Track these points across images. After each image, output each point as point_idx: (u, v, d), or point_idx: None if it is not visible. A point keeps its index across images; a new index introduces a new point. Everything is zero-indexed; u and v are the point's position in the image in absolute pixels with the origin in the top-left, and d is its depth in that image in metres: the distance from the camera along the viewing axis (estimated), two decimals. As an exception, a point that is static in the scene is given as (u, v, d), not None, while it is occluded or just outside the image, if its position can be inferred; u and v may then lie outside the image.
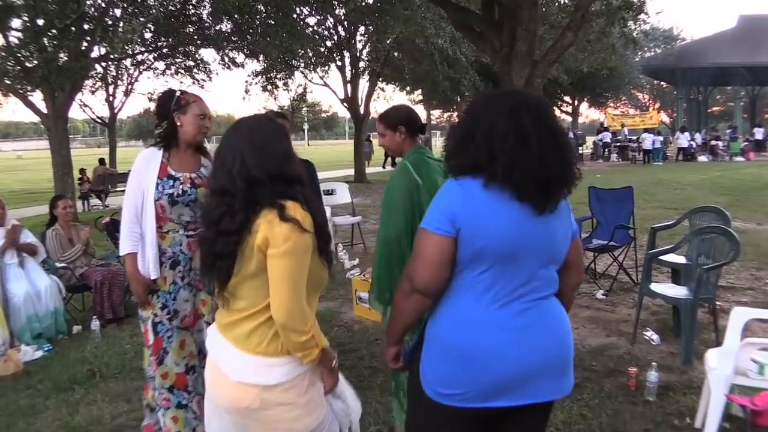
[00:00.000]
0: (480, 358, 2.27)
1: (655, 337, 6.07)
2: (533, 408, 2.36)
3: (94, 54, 16.64)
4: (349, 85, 27.18)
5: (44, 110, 15.33)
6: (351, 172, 27.80)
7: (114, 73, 22.80)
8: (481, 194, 2.23)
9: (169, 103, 3.89)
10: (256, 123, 2.49)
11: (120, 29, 15.19)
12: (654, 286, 6.13)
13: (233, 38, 19.93)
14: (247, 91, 26.30)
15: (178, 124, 3.88)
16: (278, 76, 25.89)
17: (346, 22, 24.75)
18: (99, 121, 27.59)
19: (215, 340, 2.52)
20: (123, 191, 18.59)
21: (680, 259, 6.62)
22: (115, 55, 17.57)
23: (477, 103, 2.44)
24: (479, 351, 2.27)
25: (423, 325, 2.50)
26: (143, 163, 3.86)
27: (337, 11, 22.29)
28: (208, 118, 4.02)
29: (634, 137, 38.09)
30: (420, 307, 2.36)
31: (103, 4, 15.65)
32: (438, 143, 47.95)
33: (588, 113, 78.00)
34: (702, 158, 34.41)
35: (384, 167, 34.12)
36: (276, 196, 2.32)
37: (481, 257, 2.24)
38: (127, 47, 15.57)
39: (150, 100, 23.70)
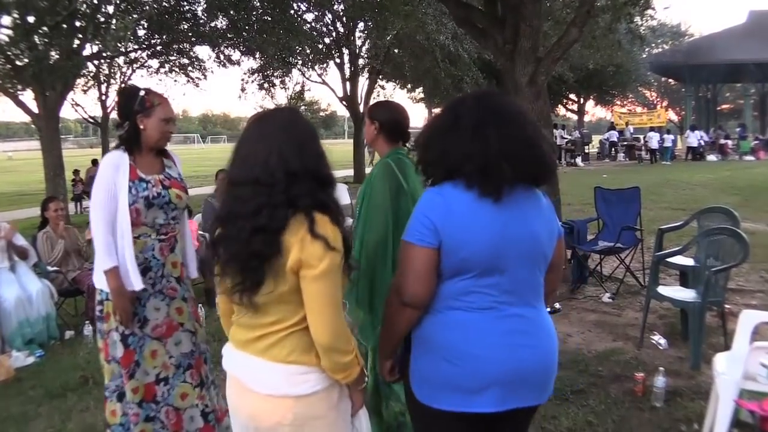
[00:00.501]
0: (470, 361, 2.31)
1: (662, 341, 6.00)
2: (517, 413, 2.39)
3: (86, 52, 16.64)
4: (348, 83, 27.20)
5: (35, 110, 15.25)
6: (350, 172, 27.70)
7: (106, 72, 22.76)
8: (462, 202, 2.28)
9: (132, 103, 3.71)
10: (293, 116, 2.40)
11: (112, 26, 15.13)
12: (661, 289, 6.09)
13: (229, 35, 19.90)
14: (243, 90, 26.31)
15: (141, 127, 3.72)
16: (275, 74, 25.92)
17: (344, 18, 24.78)
18: (91, 120, 27.42)
19: (233, 358, 2.43)
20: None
21: (688, 261, 6.54)
22: (108, 53, 17.51)
23: (440, 112, 2.52)
24: (469, 354, 2.31)
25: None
26: (111, 169, 3.66)
27: (335, 7, 22.29)
28: (173, 122, 3.87)
29: (640, 136, 38.00)
30: (412, 319, 2.38)
31: (95, 1, 15.58)
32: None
33: (594, 111, 78.04)
34: (711, 157, 34.28)
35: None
36: (312, 196, 2.23)
37: (466, 266, 2.28)
38: (119, 45, 15.54)
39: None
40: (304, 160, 2.26)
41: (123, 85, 4.68)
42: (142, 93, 3.74)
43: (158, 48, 20.87)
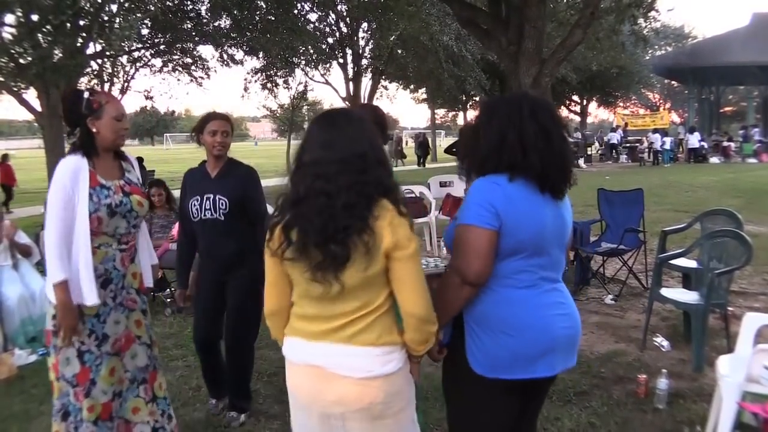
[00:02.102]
0: (527, 332, 2.57)
1: (665, 343, 5.98)
2: (546, 381, 2.76)
3: (90, 51, 16.58)
4: (351, 83, 27.14)
5: (38, 108, 15.24)
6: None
7: (110, 71, 22.76)
8: (517, 190, 2.55)
9: (79, 107, 3.53)
10: (361, 114, 2.61)
11: (116, 25, 15.11)
12: (664, 291, 6.06)
13: (232, 35, 19.91)
14: (246, 89, 26.33)
15: (94, 130, 3.54)
16: (278, 74, 25.99)
17: (348, 19, 24.75)
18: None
19: (308, 349, 2.50)
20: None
21: (691, 264, 6.53)
22: (111, 52, 17.47)
23: (496, 109, 2.72)
24: (527, 326, 2.58)
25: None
26: (69, 175, 3.46)
27: (339, 7, 22.26)
28: (126, 119, 3.71)
29: (638, 138, 37.95)
30: (470, 297, 2.58)
31: (99, 0, 15.57)
32: (443, 143, 47.88)
33: (597, 113, 77.91)
34: (714, 159, 34.24)
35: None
36: (389, 181, 2.42)
37: (521, 247, 2.54)
38: (123, 44, 15.50)
39: (147, 98, 23.63)
40: (378, 150, 2.47)
41: (65, 91, 4.52)
42: (86, 95, 3.57)
43: (161, 47, 20.84)
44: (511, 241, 2.52)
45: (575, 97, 47.29)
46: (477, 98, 36.49)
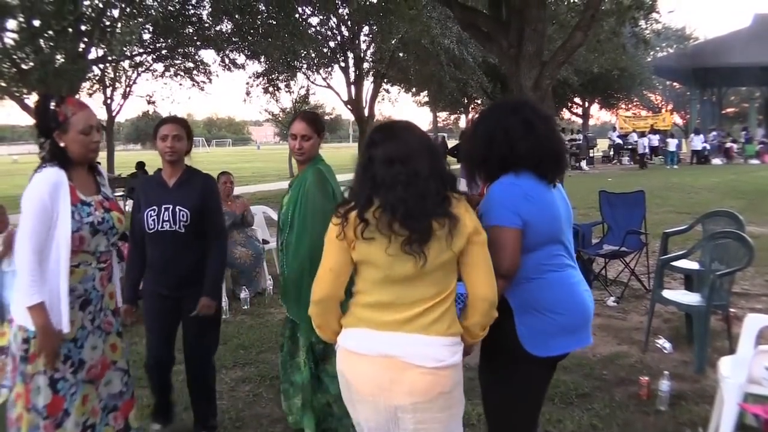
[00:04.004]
0: (572, 309, 2.92)
1: (667, 345, 5.99)
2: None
3: (92, 56, 16.61)
4: (353, 87, 27.10)
5: None
6: None
7: (112, 75, 22.81)
8: (533, 187, 2.86)
9: (46, 118, 3.27)
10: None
11: (117, 30, 15.14)
12: (666, 293, 6.08)
13: (234, 39, 19.95)
14: (248, 93, 26.34)
15: (61, 144, 3.26)
16: (280, 78, 25.94)
17: (349, 22, 24.68)
18: (96, 124, 27.45)
19: (380, 339, 2.55)
20: (122, 196, 18.13)
21: (693, 265, 6.54)
22: (113, 57, 17.50)
23: (483, 115, 3.13)
24: (572, 302, 2.93)
25: None
26: (48, 189, 3.16)
27: (340, 11, 22.25)
28: (97, 130, 3.40)
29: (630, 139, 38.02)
30: (505, 288, 2.79)
31: (101, 5, 15.59)
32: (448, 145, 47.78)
33: (599, 115, 77.82)
34: (716, 161, 34.24)
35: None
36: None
37: (548, 237, 2.88)
38: (125, 49, 15.52)
39: (149, 102, 23.66)
40: (438, 147, 2.72)
41: (35, 102, 4.22)
42: (52, 105, 3.29)
43: (163, 52, 20.88)
44: (540, 233, 2.81)
45: (577, 100, 47.25)
46: (479, 101, 36.52)
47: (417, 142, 2.56)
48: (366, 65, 27.25)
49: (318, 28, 23.89)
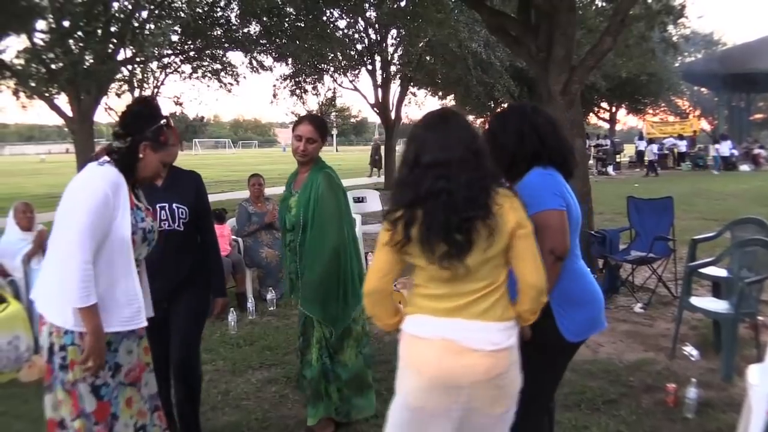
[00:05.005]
0: (596, 297, 3.22)
1: (694, 352, 5.93)
2: None
3: (120, 57, 16.74)
4: (379, 90, 27.08)
5: (69, 113, 15.43)
6: (381, 179, 27.60)
7: (140, 77, 22.99)
8: (561, 178, 3.11)
9: (146, 125, 3.20)
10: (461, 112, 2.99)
11: (147, 32, 15.25)
12: (694, 300, 6.05)
13: (261, 41, 19.91)
14: (275, 96, 26.37)
15: (140, 155, 3.19)
16: (307, 80, 25.91)
17: (377, 25, 24.65)
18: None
19: (439, 325, 2.66)
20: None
21: (721, 272, 6.47)
22: (142, 58, 17.63)
23: (506, 116, 3.33)
24: (593, 291, 3.21)
25: None
26: (111, 188, 3.04)
27: (368, 14, 22.26)
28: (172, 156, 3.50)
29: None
30: (559, 273, 3.02)
31: (129, 6, 15.71)
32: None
33: (626, 120, 77.22)
34: (744, 167, 33.86)
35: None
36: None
37: (575, 224, 3.10)
38: (155, 50, 15.63)
39: (176, 103, 23.79)
40: (483, 142, 2.76)
41: (144, 97, 4.13)
42: (163, 122, 3.26)
43: (191, 53, 20.99)
44: (572, 220, 3.03)
45: (604, 104, 46.97)
46: (505, 105, 36.32)
47: (463, 139, 2.63)
48: (393, 68, 27.22)
49: (345, 30, 23.88)
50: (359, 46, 25.57)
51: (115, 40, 15.39)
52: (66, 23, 14.23)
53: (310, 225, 4.23)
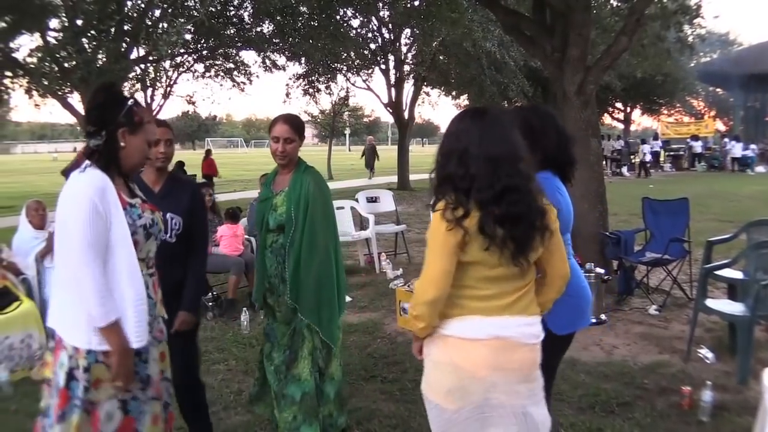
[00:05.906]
0: (584, 291, 3.44)
1: (709, 355, 5.90)
2: None
3: (133, 55, 16.80)
4: (393, 90, 27.09)
5: (82, 112, 15.36)
6: (394, 179, 27.59)
7: (152, 75, 23.08)
8: (558, 182, 3.35)
9: (117, 111, 2.96)
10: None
11: (161, 31, 15.29)
12: (709, 302, 6.01)
13: (274, 40, 20.02)
14: (288, 95, 26.45)
15: (122, 144, 2.96)
16: (320, 80, 26.03)
17: (390, 25, 24.71)
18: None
19: (495, 324, 2.68)
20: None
21: (737, 275, 6.43)
22: (155, 57, 17.69)
23: (544, 115, 3.43)
24: (583, 286, 3.42)
25: None
26: (97, 195, 2.81)
27: (381, 13, 22.26)
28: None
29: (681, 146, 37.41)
30: None
31: (143, 5, 15.75)
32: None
33: (641, 121, 76.93)
34: (759, 169, 33.66)
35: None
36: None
37: (564, 228, 3.13)
38: (169, 49, 15.66)
39: (189, 102, 23.84)
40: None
41: (102, 84, 3.84)
42: (131, 102, 3.02)
43: (204, 52, 21.05)
44: (562, 219, 3.00)
45: (618, 105, 46.80)
46: (519, 105, 36.20)
47: (515, 134, 2.67)
48: (407, 68, 27.25)
49: (359, 30, 23.94)
50: (372, 46, 25.61)
51: (128, 39, 15.44)
52: (79, 22, 14.31)
53: (301, 224, 4.08)
